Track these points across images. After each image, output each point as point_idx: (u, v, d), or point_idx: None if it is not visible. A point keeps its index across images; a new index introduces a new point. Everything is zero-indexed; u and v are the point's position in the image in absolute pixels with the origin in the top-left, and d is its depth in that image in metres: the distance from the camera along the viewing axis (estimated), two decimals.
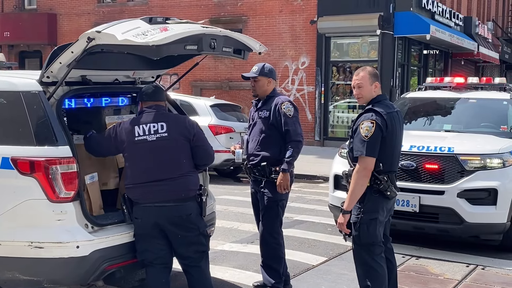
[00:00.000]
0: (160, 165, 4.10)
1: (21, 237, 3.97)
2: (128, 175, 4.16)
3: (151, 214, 4.08)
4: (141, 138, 4.11)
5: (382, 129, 4.08)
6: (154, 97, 4.33)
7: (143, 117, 4.21)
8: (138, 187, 4.10)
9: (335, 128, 17.44)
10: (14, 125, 4.17)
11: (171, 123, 4.20)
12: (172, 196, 4.10)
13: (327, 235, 7.21)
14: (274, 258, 4.97)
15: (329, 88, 17.30)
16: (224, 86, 18.42)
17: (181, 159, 4.19)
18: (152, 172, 4.08)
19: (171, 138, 4.14)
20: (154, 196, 4.07)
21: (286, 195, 4.97)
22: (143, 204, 4.09)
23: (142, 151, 4.11)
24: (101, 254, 4.01)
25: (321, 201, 9.39)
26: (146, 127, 4.13)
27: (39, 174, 3.92)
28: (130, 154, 4.14)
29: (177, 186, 4.12)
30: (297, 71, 17.47)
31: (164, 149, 4.12)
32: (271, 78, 5.05)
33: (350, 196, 4.14)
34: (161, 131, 4.13)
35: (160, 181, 4.08)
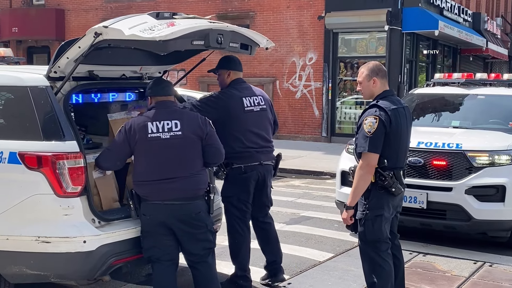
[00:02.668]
0: (172, 163, 4.07)
1: (28, 231, 3.99)
2: (138, 172, 4.11)
3: (160, 212, 4.06)
4: (155, 135, 4.06)
5: (386, 125, 4.06)
6: (164, 92, 4.28)
7: (156, 113, 4.14)
8: (148, 184, 4.07)
9: (342, 124, 17.40)
10: (22, 120, 4.19)
11: (185, 121, 4.15)
12: (182, 195, 4.08)
13: (334, 231, 7.21)
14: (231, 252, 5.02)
15: (337, 84, 17.26)
16: None
17: (193, 158, 4.16)
18: (164, 170, 4.05)
19: (184, 136, 4.10)
20: (164, 194, 4.04)
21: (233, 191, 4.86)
22: (152, 201, 4.07)
23: (154, 149, 4.06)
24: (108, 249, 4.02)
25: (328, 197, 9.38)
26: (160, 124, 4.08)
27: (46, 169, 3.93)
28: (142, 150, 4.08)
29: (188, 184, 4.09)
30: (304, 67, 17.43)
31: (177, 147, 4.08)
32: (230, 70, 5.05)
33: (353, 192, 4.14)
34: (175, 129, 4.09)
35: (171, 179, 4.05)
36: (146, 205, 4.10)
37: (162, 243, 4.12)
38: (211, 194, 4.23)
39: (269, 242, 5.19)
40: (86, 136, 5.16)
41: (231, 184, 4.90)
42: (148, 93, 4.32)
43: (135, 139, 4.07)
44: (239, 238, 4.98)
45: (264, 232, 5.17)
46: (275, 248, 5.20)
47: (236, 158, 4.83)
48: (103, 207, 4.56)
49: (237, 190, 4.91)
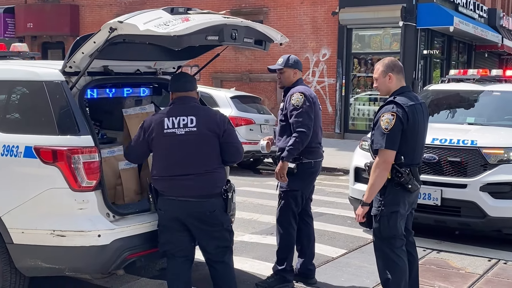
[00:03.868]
0: (186, 160, 4.06)
1: (43, 225, 4.02)
2: (155, 167, 4.12)
3: (173, 207, 4.06)
4: (170, 130, 4.06)
5: (403, 122, 4.04)
6: (184, 87, 4.26)
7: (173, 109, 4.15)
8: (163, 180, 4.08)
9: (356, 120, 17.34)
10: (37, 115, 4.22)
11: (201, 117, 4.13)
12: (196, 192, 4.06)
13: (347, 228, 7.20)
14: (282, 247, 5.06)
15: (350, 80, 17.19)
16: (244, 78, 18.42)
17: (208, 155, 4.14)
18: (178, 166, 4.05)
19: (199, 132, 4.09)
20: (178, 190, 4.04)
21: (300, 186, 4.96)
22: (167, 196, 4.08)
23: (169, 144, 4.06)
24: (122, 243, 4.05)
25: (341, 194, 9.36)
26: (176, 120, 4.08)
27: (61, 163, 3.95)
28: (158, 145, 4.09)
29: (202, 182, 4.08)
30: (318, 63, 17.38)
31: (191, 143, 4.07)
32: (296, 69, 5.09)
33: (369, 188, 4.12)
34: (190, 125, 4.08)
35: (185, 175, 4.04)
36: (162, 200, 4.11)
37: (177, 238, 4.13)
38: (229, 192, 4.21)
39: (310, 239, 5.25)
40: (100, 130, 5.20)
41: (299, 178, 4.93)
42: (170, 88, 4.32)
43: (152, 134, 4.08)
44: (293, 233, 5.05)
45: (308, 228, 5.24)
46: (314, 247, 5.29)
47: (307, 153, 4.92)
48: (125, 199, 4.62)
49: (303, 184, 5.00)
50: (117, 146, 4.84)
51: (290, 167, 4.91)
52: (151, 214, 4.31)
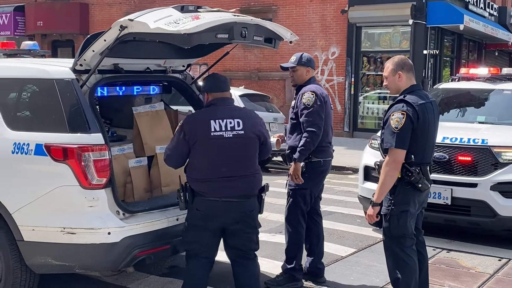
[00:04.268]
0: (233, 162, 4.03)
1: (54, 223, 4.04)
2: (196, 169, 4.04)
3: (216, 208, 4.01)
4: (217, 133, 4.00)
5: (413, 121, 4.02)
6: (222, 87, 4.22)
7: (218, 111, 4.09)
8: (208, 182, 4.02)
9: (365, 119, 17.29)
10: (48, 112, 4.24)
11: (246, 120, 4.12)
12: (240, 193, 4.05)
13: (356, 227, 7.19)
14: (291, 245, 5.06)
15: (359, 78, 17.15)
16: (253, 76, 18.42)
17: (253, 157, 4.16)
18: (225, 168, 4.01)
19: (246, 136, 4.08)
20: (223, 192, 4.01)
21: (308, 184, 4.97)
22: (208, 197, 4.02)
23: (216, 147, 4.01)
24: (132, 241, 4.06)
25: (350, 193, 9.34)
26: (223, 123, 4.03)
27: (72, 161, 3.97)
28: (203, 148, 4.01)
29: (247, 183, 4.08)
30: (327, 61, 17.35)
31: (239, 146, 4.06)
32: (309, 67, 5.10)
33: (379, 188, 4.11)
34: (237, 128, 4.06)
35: (232, 177, 4.02)
36: (201, 200, 4.03)
37: (205, 239, 4.08)
38: (264, 193, 4.21)
39: (320, 237, 5.25)
40: (111, 128, 5.21)
41: (308, 177, 4.94)
42: (206, 88, 4.23)
43: (195, 137, 4.00)
44: (302, 231, 5.06)
45: (317, 226, 5.25)
46: (323, 245, 5.28)
47: (317, 152, 4.93)
48: (135, 197, 4.63)
49: (312, 183, 5.00)
50: (127, 144, 4.87)
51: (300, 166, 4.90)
52: (161, 211, 4.33)
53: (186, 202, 4.09)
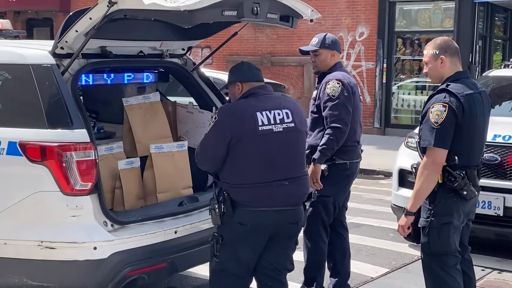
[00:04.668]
0: (285, 162, 4.02)
1: (29, 235, 4.07)
2: (238, 172, 3.97)
3: (266, 220, 3.97)
4: (266, 128, 3.94)
5: (457, 114, 4.02)
6: (259, 76, 4.21)
7: (262, 100, 4.04)
8: (253, 188, 3.94)
9: (399, 113, 17.24)
10: (23, 104, 4.28)
11: (295, 110, 4.11)
12: (293, 199, 4.05)
13: (389, 242, 7.19)
14: (311, 264, 5.10)
15: (393, 64, 17.09)
16: (265, 61, 18.42)
17: (304, 155, 4.18)
18: (275, 170, 3.98)
19: (296, 129, 4.07)
20: (274, 199, 3.97)
21: (331, 191, 4.98)
22: (256, 207, 3.95)
23: (266, 144, 3.95)
24: (122, 257, 4.09)
25: (382, 201, 9.34)
26: (271, 115, 3.98)
27: (51, 162, 4.01)
28: (248, 147, 3.94)
29: (299, 187, 4.08)
30: (353, 43, 17.32)
31: (290, 142, 4.05)
32: (334, 50, 5.12)
33: (414, 194, 4.12)
34: (287, 120, 4.03)
35: (283, 180, 3.99)
36: (246, 212, 3.95)
37: (246, 257, 4.05)
38: (308, 202, 4.21)
39: (345, 254, 5.28)
40: (97, 124, 5.26)
41: (331, 182, 4.96)
42: (240, 77, 4.16)
43: (239, 133, 3.92)
44: (323, 247, 5.10)
45: (342, 242, 5.28)
46: (349, 264, 5.31)
47: (342, 153, 4.96)
48: (125, 205, 4.66)
49: (336, 190, 5.03)
50: (116, 142, 4.91)
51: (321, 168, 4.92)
52: (157, 222, 4.37)
53: (222, 215, 3.97)
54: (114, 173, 4.76)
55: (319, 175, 4.88)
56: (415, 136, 5.60)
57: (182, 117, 5.45)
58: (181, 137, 5.41)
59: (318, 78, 5.19)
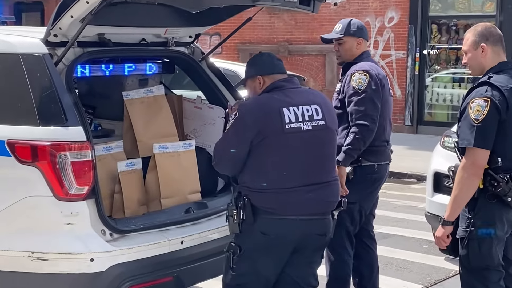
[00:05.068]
0: (315, 164, 4.04)
1: (18, 245, 4.10)
2: (261, 175, 3.98)
3: (291, 230, 3.98)
4: (294, 126, 3.95)
5: (500, 110, 4.01)
6: (282, 67, 4.22)
7: (289, 95, 4.05)
8: (279, 193, 3.95)
9: (434, 108, 17.19)
10: (11, 99, 4.31)
11: (325, 107, 4.11)
12: (322, 207, 4.06)
13: (422, 255, 7.19)
14: (334, 279, 5.10)
15: (427, 53, 17.05)
16: (281, 50, 18.43)
17: (334, 156, 4.20)
18: (303, 173, 3.99)
19: (327, 127, 4.08)
20: (301, 206, 3.98)
21: (357, 197, 4.99)
22: (280, 216, 3.96)
23: (293, 144, 3.97)
24: (122, 270, 4.10)
25: (414, 208, 9.33)
26: (299, 111, 3.99)
27: (43, 163, 4.03)
28: (272, 147, 3.95)
29: (330, 193, 4.09)
30: (382, 30, 17.29)
31: (320, 142, 4.06)
32: (360, 38, 5.14)
33: (452, 201, 4.11)
34: (316, 117, 4.04)
35: (312, 185, 4.01)
36: (269, 220, 3.96)
37: (267, 271, 4.06)
38: (336, 211, 4.18)
39: (373, 269, 5.30)
40: (94, 120, 5.28)
41: (356, 187, 4.97)
42: (259, 71, 4.16)
43: (264, 131, 3.92)
44: (348, 260, 5.11)
45: (369, 254, 5.30)
46: (377, 280, 5.32)
47: (369, 154, 4.97)
48: (126, 211, 4.69)
49: (362, 195, 5.04)
50: (115, 141, 4.93)
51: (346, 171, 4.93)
52: (161, 231, 4.39)
53: (241, 223, 3.98)
54: (113, 175, 4.78)
55: (344, 179, 4.88)
56: (453, 135, 5.60)
57: (189, 113, 5.46)
58: (188, 136, 5.43)
59: (342, 69, 5.20)
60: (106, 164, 4.75)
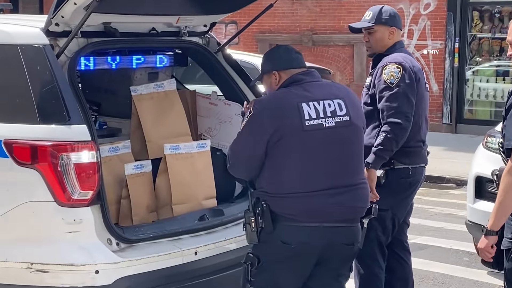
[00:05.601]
0: (339, 165, 4.04)
1: (16, 255, 4.13)
2: (280, 179, 3.99)
3: (315, 239, 3.99)
4: (314, 122, 3.96)
5: None
6: (302, 61, 4.23)
7: (309, 89, 4.05)
8: (300, 198, 3.95)
9: (475, 105, 17.13)
10: (9, 94, 4.34)
11: (349, 101, 4.12)
12: (350, 213, 4.06)
13: (462, 268, 7.18)
14: None
15: (467, 44, 16.99)
16: (305, 40, 18.43)
17: (362, 156, 4.20)
18: (327, 175, 3.99)
19: (352, 123, 4.08)
20: (326, 213, 3.97)
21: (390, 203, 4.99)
22: (303, 223, 3.97)
23: (314, 143, 3.97)
24: (130, 284, 4.13)
25: (453, 216, 9.32)
26: (320, 106, 3.99)
27: (43, 165, 4.05)
28: (292, 147, 3.96)
29: (357, 197, 4.08)
30: (417, 17, 17.24)
31: (344, 140, 4.06)
32: (393, 27, 5.13)
33: (497, 208, 4.09)
34: (340, 112, 4.04)
35: (337, 189, 4.00)
36: (290, 228, 3.97)
37: (288, 284, 4.08)
38: (366, 219, 4.18)
39: (408, 283, 5.30)
40: (99, 118, 5.30)
41: (389, 192, 4.97)
42: (274, 66, 4.18)
43: (281, 129, 3.93)
44: (379, 273, 5.10)
45: (403, 267, 5.29)
46: None
47: (402, 155, 4.97)
48: (134, 219, 4.70)
49: (395, 201, 5.04)
50: (122, 141, 4.94)
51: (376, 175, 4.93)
52: (172, 241, 4.41)
53: (259, 231, 3.98)
54: (120, 179, 4.80)
55: (374, 183, 4.88)
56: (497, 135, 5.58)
57: (203, 110, 5.49)
58: (202, 135, 5.45)
59: (373, 62, 5.20)
60: (112, 167, 4.77)
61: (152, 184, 4.95)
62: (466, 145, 12.23)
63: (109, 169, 4.67)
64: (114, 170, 4.78)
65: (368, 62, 16.69)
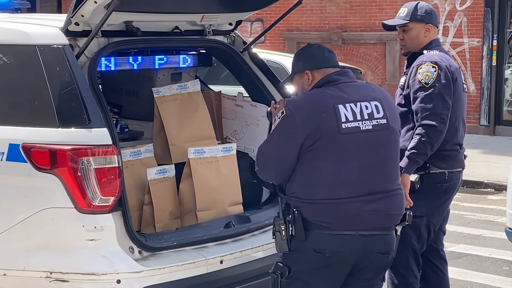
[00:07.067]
0: (375, 171, 4.03)
1: (35, 264, 4.15)
2: (314, 184, 3.97)
3: (349, 247, 3.97)
4: (351, 125, 3.95)
5: None
6: (335, 60, 4.22)
7: (345, 90, 4.04)
8: (334, 204, 3.94)
9: None
10: (27, 96, 4.38)
11: (386, 103, 4.11)
12: (385, 221, 4.06)
13: (503, 278, 7.15)
14: None
15: (506, 41, 16.89)
16: (334, 38, 18.40)
17: (398, 161, 4.20)
18: (363, 181, 3.98)
19: (389, 126, 4.07)
20: (361, 220, 3.96)
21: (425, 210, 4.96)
22: (337, 231, 3.96)
23: (351, 147, 3.97)
24: None
25: (492, 223, 9.26)
26: (357, 108, 3.98)
27: (62, 170, 4.08)
28: (327, 150, 3.93)
29: (394, 204, 4.07)
30: (452, 14, 17.17)
31: (381, 144, 4.05)
32: (429, 24, 5.12)
33: None
34: (377, 115, 4.02)
35: (374, 195, 3.99)
36: (323, 236, 3.95)
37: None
38: (400, 225, 4.17)
39: None
40: (120, 121, 5.32)
41: (424, 198, 4.96)
42: (307, 65, 4.16)
43: (317, 132, 3.91)
44: (414, 283, 5.08)
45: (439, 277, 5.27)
46: None
47: (438, 159, 4.95)
48: (157, 226, 4.71)
49: (431, 208, 5.02)
50: (144, 145, 4.96)
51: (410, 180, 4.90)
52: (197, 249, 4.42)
53: (290, 239, 3.96)
54: (143, 184, 4.82)
55: (408, 189, 4.86)
56: None
57: (229, 112, 5.49)
58: (228, 138, 5.46)
59: (407, 61, 5.17)
60: (134, 171, 4.79)
61: (175, 190, 4.96)
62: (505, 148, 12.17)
63: (131, 174, 4.69)
64: (136, 175, 4.81)
65: (401, 61, 16.64)
